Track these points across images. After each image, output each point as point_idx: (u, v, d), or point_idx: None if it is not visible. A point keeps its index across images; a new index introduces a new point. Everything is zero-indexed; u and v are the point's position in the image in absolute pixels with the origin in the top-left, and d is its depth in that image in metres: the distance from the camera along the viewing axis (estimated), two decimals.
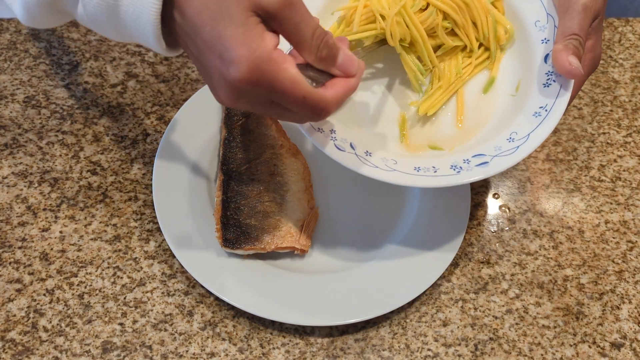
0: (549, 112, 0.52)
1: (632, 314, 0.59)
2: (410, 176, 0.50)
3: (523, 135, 0.52)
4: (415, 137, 0.55)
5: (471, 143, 0.54)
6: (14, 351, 0.53)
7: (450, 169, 0.51)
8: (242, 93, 0.41)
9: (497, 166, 0.50)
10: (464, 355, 0.55)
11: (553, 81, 0.53)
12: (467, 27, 0.56)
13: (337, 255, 0.60)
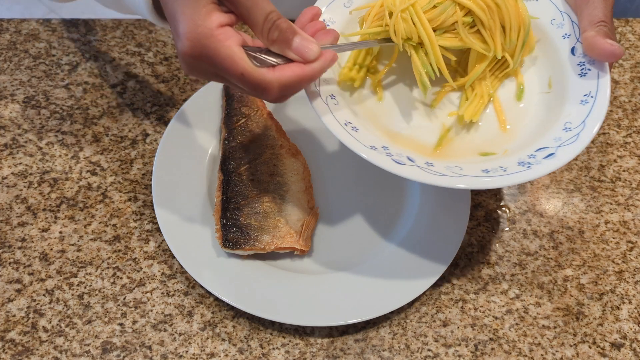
0: (595, 97, 0.53)
1: (632, 314, 0.59)
2: (483, 179, 0.49)
3: (578, 123, 0.52)
4: (461, 145, 0.54)
5: (522, 142, 0.54)
6: (14, 351, 0.53)
7: (519, 166, 0.50)
8: (190, 65, 0.45)
9: (565, 155, 0.50)
10: (464, 356, 0.55)
11: (588, 69, 0.54)
12: (494, 30, 0.53)
13: (337, 255, 0.60)
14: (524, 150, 0.52)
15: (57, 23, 0.78)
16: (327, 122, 0.50)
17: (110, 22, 0.78)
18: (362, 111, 0.54)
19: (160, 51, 0.75)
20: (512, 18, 0.53)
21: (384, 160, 0.48)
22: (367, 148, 0.49)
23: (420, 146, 0.54)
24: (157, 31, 0.78)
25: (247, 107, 0.67)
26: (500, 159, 0.52)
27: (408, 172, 0.48)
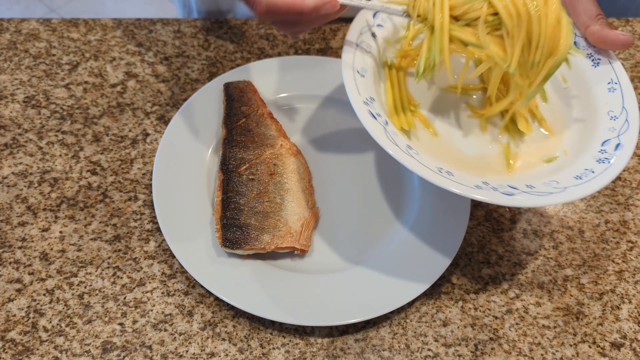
0: (619, 82, 0.56)
1: (632, 314, 0.59)
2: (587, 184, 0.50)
3: (619, 109, 0.55)
4: (526, 159, 0.56)
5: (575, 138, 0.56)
6: (14, 351, 0.53)
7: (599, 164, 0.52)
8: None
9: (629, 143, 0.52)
10: (464, 355, 0.55)
11: (598, 59, 0.57)
12: (516, 39, 0.49)
13: (337, 255, 0.60)
14: (590, 148, 0.54)
15: (57, 23, 0.78)
16: (427, 175, 0.49)
17: (110, 22, 0.78)
18: (429, 151, 0.55)
19: (160, 51, 0.75)
20: (544, 36, 0.48)
21: (497, 197, 0.49)
22: (474, 189, 0.49)
23: (496, 170, 0.55)
24: (157, 31, 0.78)
25: (247, 107, 0.67)
26: (576, 162, 0.53)
27: (522, 201, 0.49)
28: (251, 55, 0.76)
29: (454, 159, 0.55)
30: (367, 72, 0.55)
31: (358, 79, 0.53)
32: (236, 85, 0.69)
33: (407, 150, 0.50)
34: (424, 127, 0.57)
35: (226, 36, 0.78)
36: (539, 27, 0.47)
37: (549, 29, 0.48)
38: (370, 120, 0.50)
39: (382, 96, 0.57)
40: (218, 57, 0.75)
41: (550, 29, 0.48)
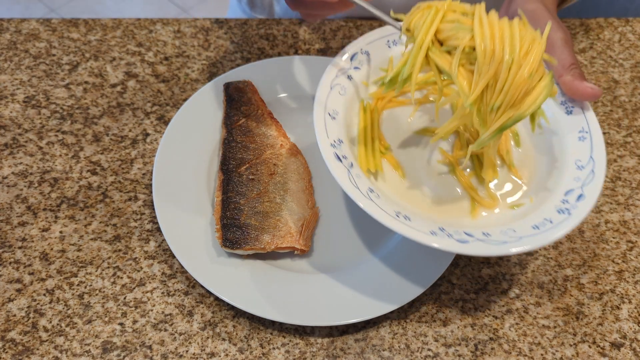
0: (589, 132, 0.56)
1: (632, 314, 0.59)
2: (541, 236, 0.50)
3: (586, 159, 0.54)
4: (491, 203, 0.56)
5: (542, 187, 0.55)
6: (14, 351, 0.53)
7: (560, 214, 0.51)
8: None
9: (592, 194, 0.52)
10: (464, 355, 0.55)
11: (572, 107, 0.57)
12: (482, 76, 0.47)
13: (337, 255, 0.60)
14: (553, 197, 0.53)
15: (57, 23, 0.78)
16: (383, 220, 0.50)
17: (110, 22, 0.78)
18: (395, 194, 0.56)
19: (160, 51, 0.75)
20: (509, 84, 0.47)
21: (450, 244, 0.49)
22: (429, 235, 0.49)
23: (460, 214, 0.55)
24: (157, 31, 0.78)
25: (247, 107, 0.67)
26: (538, 210, 0.53)
27: (474, 249, 0.49)
28: (251, 55, 0.76)
29: (418, 202, 0.55)
30: (338, 114, 0.56)
31: (328, 121, 0.55)
32: (236, 85, 0.69)
33: (367, 193, 0.51)
34: (392, 169, 0.58)
35: (226, 36, 0.78)
36: (508, 73, 0.46)
37: (519, 79, 0.46)
38: (334, 162, 0.52)
39: (354, 137, 0.57)
40: (218, 57, 0.75)
41: (519, 80, 0.47)
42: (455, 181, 0.58)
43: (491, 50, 0.46)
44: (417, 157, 0.59)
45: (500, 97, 0.47)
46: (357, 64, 0.59)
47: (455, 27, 0.48)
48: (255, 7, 0.90)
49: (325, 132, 0.54)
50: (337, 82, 0.58)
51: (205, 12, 2.09)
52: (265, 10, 0.90)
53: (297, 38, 0.78)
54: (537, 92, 0.47)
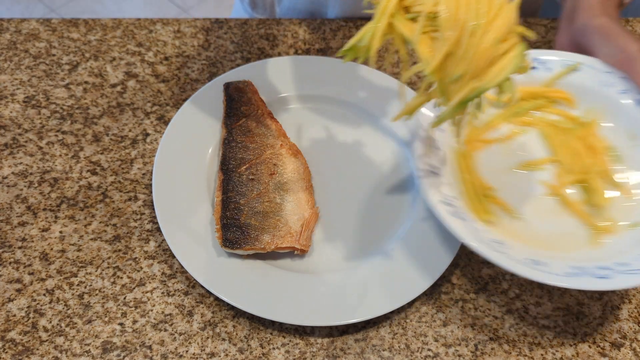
0: None
1: (632, 314, 0.59)
2: None
3: None
4: (608, 226, 0.55)
5: None
6: (14, 351, 0.53)
7: None
8: None
9: None
10: (464, 355, 0.55)
11: None
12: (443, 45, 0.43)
13: (337, 255, 0.60)
14: None
15: (57, 23, 0.78)
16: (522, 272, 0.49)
17: (110, 22, 0.78)
18: (512, 237, 0.55)
19: (160, 51, 0.75)
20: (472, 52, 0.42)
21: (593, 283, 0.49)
22: (566, 277, 0.49)
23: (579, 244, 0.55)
24: (157, 31, 0.78)
25: (247, 107, 0.67)
26: None
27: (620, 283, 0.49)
28: (251, 55, 0.76)
29: (536, 239, 0.55)
30: (439, 168, 0.56)
31: (432, 178, 0.54)
32: (236, 85, 0.69)
33: (494, 246, 0.52)
34: (502, 211, 0.57)
35: (226, 36, 0.78)
36: (471, 39, 0.42)
37: (482, 47, 0.42)
38: (453, 220, 0.52)
39: (457, 187, 0.56)
40: (218, 57, 0.75)
41: (483, 48, 0.42)
42: (566, 212, 0.57)
43: (455, 15, 0.42)
44: (520, 193, 0.58)
45: (462, 66, 0.43)
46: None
47: None
48: (257, 8, 0.91)
49: (433, 190, 0.54)
50: (429, 136, 0.58)
51: (205, 12, 2.09)
52: (267, 11, 0.90)
53: (297, 38, 0.78)
54: (504, 63, 0.43)
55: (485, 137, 0.61)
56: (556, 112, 0.62)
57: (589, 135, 0.60)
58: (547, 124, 0.61)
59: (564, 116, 0.62)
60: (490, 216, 0.56)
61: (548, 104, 0.62)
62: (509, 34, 0.43)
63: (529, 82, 0.62)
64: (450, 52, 0.43)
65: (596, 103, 0.61)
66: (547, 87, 0.62)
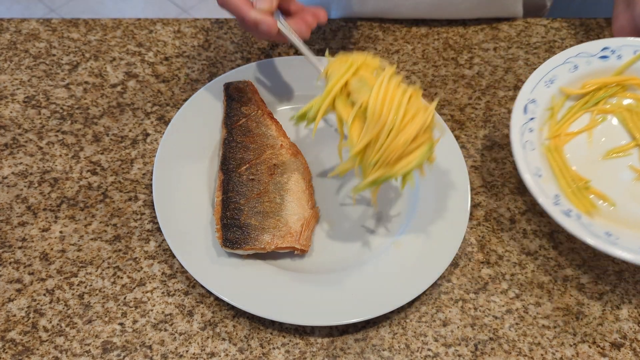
0: None
1: (632, 314, 0.59)
2: None
3: None
4: None
5: None
6: (14, 351, 0.53)
7: None
8: None
9: None
10: (464, 355, 0.55)
11: None
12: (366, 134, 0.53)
13: (337, 255, 0.60)
14: None
15: (57, 23, 0.78)
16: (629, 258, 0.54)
17: (110, 22, 0.78)
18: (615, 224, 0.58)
19: (160, 51, 0.75)
20: (386, 146, 0.52)
21: None
22: None
23: None
24: (157, 31, 0.78)
25: (247, 107, 0.67)
26: None
27: None
28: (251, 55, 0.76)
29: (637, 226, 0.58)
30: (541, 169, 0.59)
31: (537, 181, 0.57)
32: (236, 85, 0.69)
33: (606, 237, 0.55)
34: (600, 200, 0.59)
35: (226, 36, 0.78)
36: (387, 136, 0.51)
37: (395, 144, 0.51)
38: (566, 220, 0.55)
39: (556, 183, 0.59)
40: (218, 57, 0.75)
41: (395, 145, 0.51)
42: None
43: (379, 113, 0.51)
44: (613, 181, 0.61)
45: (377, 155, 0.52)
46: (531, 115, 0.62)
47: (360, 84, 0.53)
48: None
49: (544, 194, 0.56)
50: (526, 139, 0.60)
51: (205, 12, 2.09)
52: None
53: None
54: (410, 158, 0.52)
55: (569, 131, 0.63)
56: (630, 97, 0.65)
57: None
58: (624, 109, 0.64)
59: (638, 100, 0.64)
60: (594, 208, 0.58)
61: (621, 90, 0.65)
62: (423, 133, 0.52)
63: (602, 72, 0.65)
64: (370, 142, 0.52)
65: None
66: (619, 74, 0.65)
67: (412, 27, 0.80)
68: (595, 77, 0.65)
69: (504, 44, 0.79)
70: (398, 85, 0.52)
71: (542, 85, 0.63)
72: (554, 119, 0.63)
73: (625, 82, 0.65)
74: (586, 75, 0.64)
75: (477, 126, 0.71)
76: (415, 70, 0.76)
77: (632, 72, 0.65)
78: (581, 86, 0.65)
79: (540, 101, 0.63)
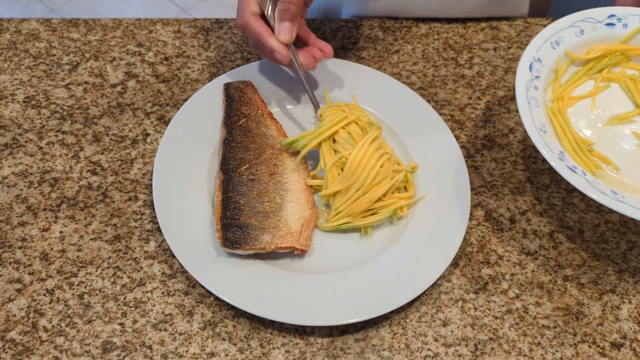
0: None
1: (632, 314, 0.59)
2: None
3: None
4: None
5: None
6: (14, 351, 0.53)
7: None
8: None
9: None
10: (464, 355, 0.55)
11: None
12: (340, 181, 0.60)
13: (337, 255, 0.60)
14: None
15: (57, 23, 0.78)
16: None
17: (110, 22, 0.78)
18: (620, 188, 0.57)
19: (160, 51, 0.75)
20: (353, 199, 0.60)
21: None
22: None
23: None
24: (157, 31, 0.78)
25: (247, 107, 0.67)
26: None
27: None
28: (251, 55, 0.76)
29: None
30: (546, 126, 0.58)
31: (544, 137, 0.57)
32: (236, 85, 0.69)
33: (613, 195, 0.54)
34: (604, 164, 0.59)
35: (226, 36, 0.78)
36: (355, 192, 0.59)
37: (360, 201, 0.59)
38: (571, 175, 0.54)
39: (559, 143, 0.59)
40: (218, 57, 0.75)
41: (360, 202, 0.59)
42: None
43: (354, 171, 0.59)
44: (617, 146, 0.61)
45: (344, 205, 0.60)
46: (536, 73, 0.61)
47: (346, 140, 0.61)
48: None
49: (549, 149, 0.56)
50: (531, 96, 0.60)
51: (205, 12, 2.09)
52: None
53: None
54: (372, 218, 0.60)
55: (572, 95, 0.63)
56: (634, 67, 0.65)
57: None
58: (628, 78, 0.64)
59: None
60: (599, 169, 0.58)
61: (625, 60, 0.65)
62: (392, 194, 0.61)
63: (607, 39, 0.65)
64: (340, 191, 0.60)
65: None
66: (624, 42, 0.65)
67: (412, 27, 0.80)
68: (601, 43, 0.65)
69: (504, 44, 0.79)
70: (377, 149, 0.60)
71: (548, 45, 0.63)
72: (557, 82, 0.63)
73: (630, 51, 0.65)
74: (592, 41, 0.64)
75: (477, 126, 0.71)
76: (415, 70, 0.76)
77: (637, 42, 0.65)
78: (586, 52, 0.65)
79: (546, 61, 0.62)
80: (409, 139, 0.67)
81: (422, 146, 0.67)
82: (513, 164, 0.69)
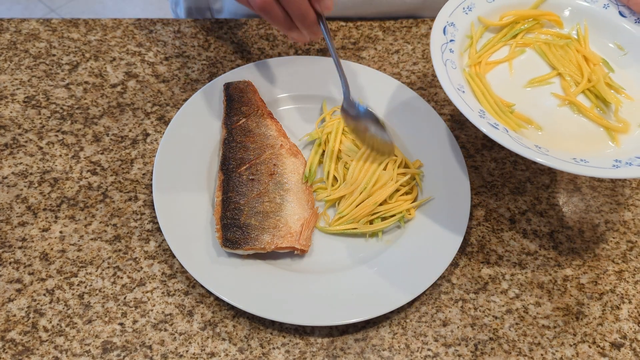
0: None
1: (632, 314, 0.59)
2: None
3: None
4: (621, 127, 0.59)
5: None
6: (14, 351, 0.53)
7: None
8: None
9: None
10: (464, 355, 0.55)
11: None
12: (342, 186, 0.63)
13: (337, 255, 0.60)
14: None
15: (57, 23, 0.78)
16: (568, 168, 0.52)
17: (110, 22, 0.78)
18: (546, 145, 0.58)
19: (160, 51, 0.75)
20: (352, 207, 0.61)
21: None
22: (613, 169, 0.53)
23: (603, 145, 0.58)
24: (157, 31, 0.78)
25: (247, 107, 0.67)
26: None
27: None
28: (251, 55, 0.76)
29: (565, 146, 0.58)
30: (464, 86, 0.58)
31: (463, 96, 0.56)
32: (236, 85, 0.69)
33: (537, 149, 0.54)
34: (526, 124, 0.59)
35: (226, 36, 0.78)
36: (359, 195, 0.61)
37: (364, 204, 0.61)
38: (494, 131, 0.54)
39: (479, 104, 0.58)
40: (218, 57, 0.75)
41: (362, 206, 0.61)
42: (582, 119, 0.60)
43: (356, 177, 0.62)
44: (537, 107, 0.60)
45: (347, 209, 0.61)
46: (451, 37, 0.61)
47: (349, 148, 0.64)
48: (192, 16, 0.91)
49: (468, 107, 0.55)
50: (447, 58, 0.59)
51: None
52: None
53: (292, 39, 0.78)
54: (374, 225, 0.61)
55: (489, 60, 0.64)
56: (546, 33, 0.66)
57: (582, 49, 0.64)
58: (542, 43, 0.64)
59: (555, 35, 0.65)
60: (522, 127, 0.58)
61: (538, 26, 0.66)
62: (393, 195, 0.62)
63: (519, 5, 0.66)
64: (343, 197, 0.62)
65: (582, 20, 0.65)
66: (535, 8, 0.66)
67: (412, 27, 0.80)
68: (513, 9, 0.65)
69: None
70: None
71: (460, 11, 0.63)
72: (473, 48, 0.63)
73: (541, 17, 0.65)
74: (503, 6, 0.65)
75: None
76: (415, 70, 0.76)
77: (547, 7, 0.66)
78: (499, 17, 0.65)
79: (460, 26, 0.62)
80: (409, 139, 0.67)
81: (422, 146, 0.67)
82: (513, 164, 0.69)
